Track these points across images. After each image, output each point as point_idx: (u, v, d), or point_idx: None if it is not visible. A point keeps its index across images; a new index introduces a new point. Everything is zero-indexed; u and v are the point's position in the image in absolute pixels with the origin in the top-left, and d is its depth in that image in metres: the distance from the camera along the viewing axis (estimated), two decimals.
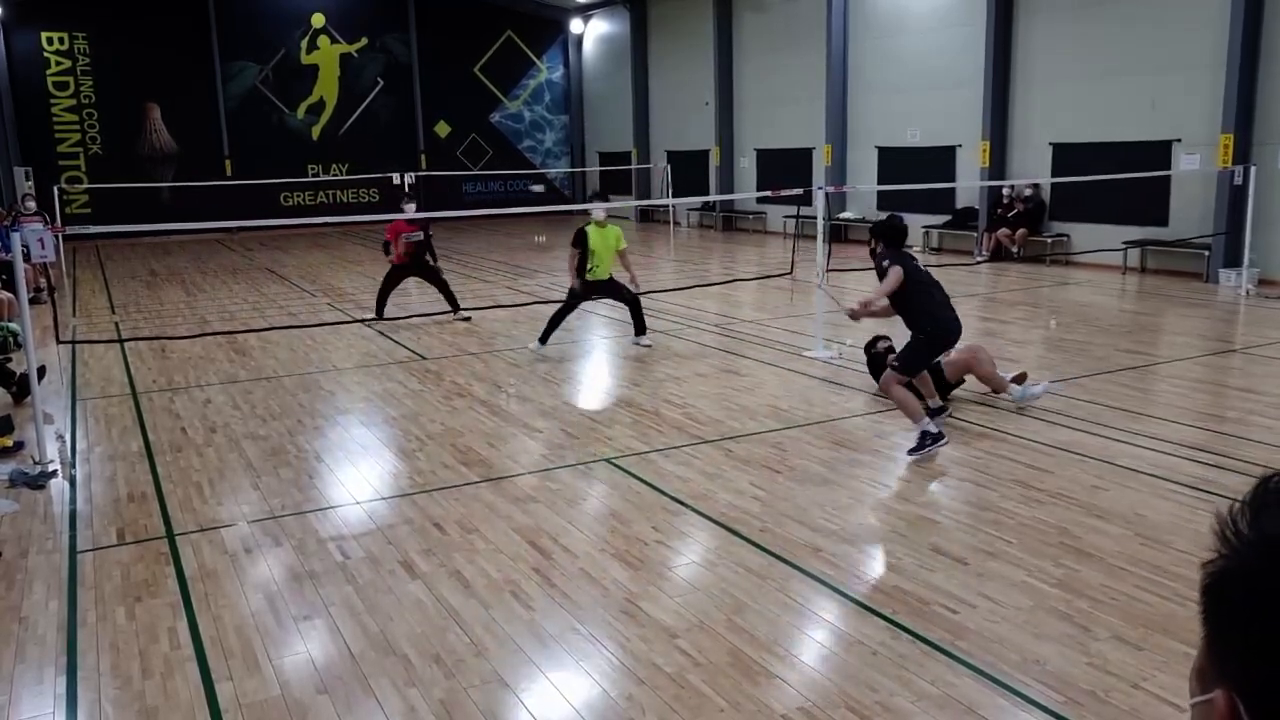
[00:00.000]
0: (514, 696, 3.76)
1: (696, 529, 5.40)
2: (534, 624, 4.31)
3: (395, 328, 11.59)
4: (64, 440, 7.14)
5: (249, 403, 8.41)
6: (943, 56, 18.43)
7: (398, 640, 4.19)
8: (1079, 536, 5.16)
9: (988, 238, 17.29)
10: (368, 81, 27.45)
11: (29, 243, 6.56)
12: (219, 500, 6.04)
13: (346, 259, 19.70)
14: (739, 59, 23.72)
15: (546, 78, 29.80)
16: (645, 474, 6.31)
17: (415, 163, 26.50)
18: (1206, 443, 6.74)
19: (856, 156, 20.73)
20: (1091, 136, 15.89)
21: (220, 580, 4.87)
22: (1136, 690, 3.69)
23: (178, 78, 25.13)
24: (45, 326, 10.82)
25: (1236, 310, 12.27)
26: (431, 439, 7.22)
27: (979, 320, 12.10)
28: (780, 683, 3.80)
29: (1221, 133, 13.95)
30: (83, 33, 24.27)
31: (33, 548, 5.34)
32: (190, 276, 17.46)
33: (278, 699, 3.77)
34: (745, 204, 23.92)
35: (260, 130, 26.27)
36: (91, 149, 24.71)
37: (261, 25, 26.08)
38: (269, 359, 10.13)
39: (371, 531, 5.48)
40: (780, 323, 11.42)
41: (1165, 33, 14.76)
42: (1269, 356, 9.45)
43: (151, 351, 10.63)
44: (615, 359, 10.27)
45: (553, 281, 15.54)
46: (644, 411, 7.83)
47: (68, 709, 3.76)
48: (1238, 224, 13.58)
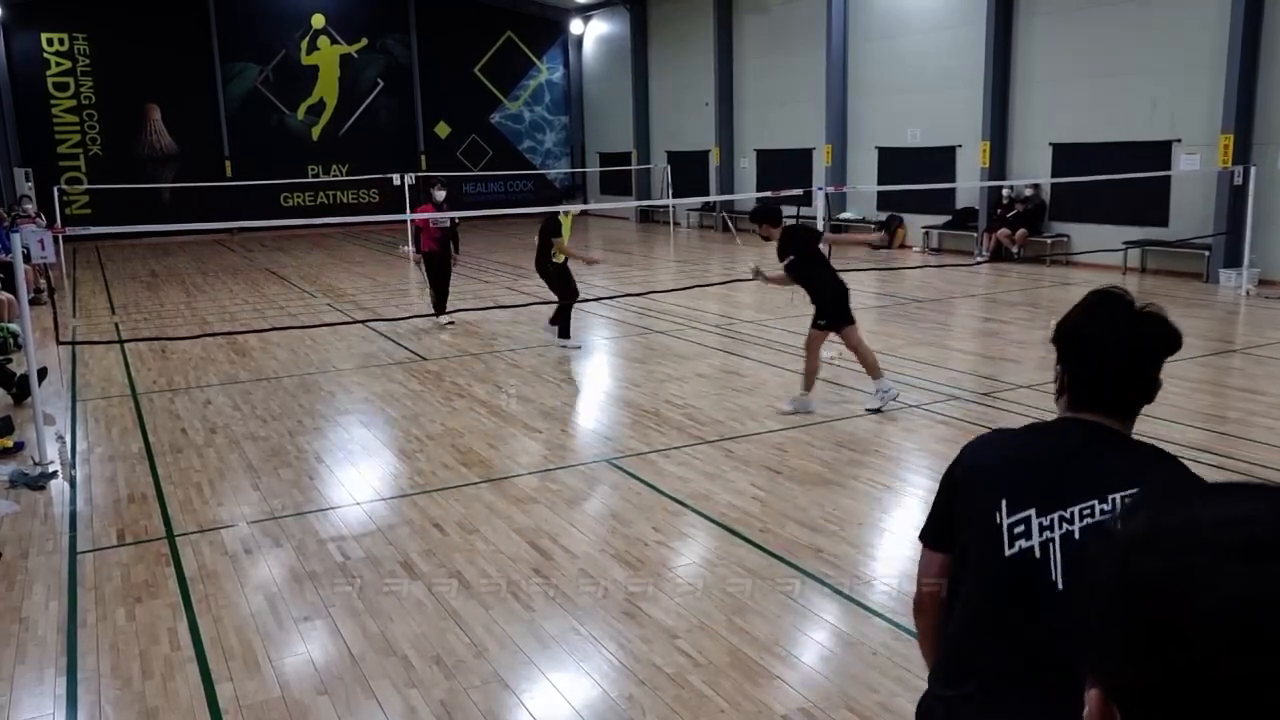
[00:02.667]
0: (514, 697, 3.76)
1: (697, 529, 5.40)
2: (534, 625, 4.31)
3: (395, 328, 11.59)
4: (64, 441, 7.14)
5: (249, 403, 8.41)
6: (943, 57, 18.43)
7: (398, 641, 4.18)
8: None
9: (988, 238, 17.29)
10: (368, 82, 27.45)
11: (28, 244, 6.56)
12: (219, 501, 6.04)
13: (347, 260, 19.70)
14: (739, 59, 23.72)
15: (546, 78, 29.79)
16: (645, 474, 6.31)
17: (415, 163, 26.49)
18: (1208, 443, 6.73)
19: (856, 157, 20.73)
20: (1091, 137, 15.88)
21: (220, 581, 4.87)
22: None
23: (178, 79, 25.12)
24: (45, 328, 10.82)
25: (1237, 310, 12.27)
26: (432, 440, 7.22)
27: (979, 321, 12.10)
28: (780, 683, 3.80)
29: (1221, 133, 13.94)
30: (83, 33, 24.27)
31: (33, 548, 5.34)
32: (190, 277, 17.46)
33: (278, 700, 3.77)
34: (745, 204, 23.90)
35: (260, 131, 26.27)
36: (92, 150, 24.71)
37: (261, 26, 26.08)
38: (269, 360, 10.13)
39: (372, 532, 5.48)
40: (781, 323, 11.42)
41: (1165, 33, 14.76)
42: (1270, 357, 9.45)
43: (152, 352, 10.63)
44: (615, 359, 10.28)
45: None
46: (644, 412, 7.83)
47: (68, 710, 3.76)
48: (1238, 224, 13.57)
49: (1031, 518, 1.81)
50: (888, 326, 11.53)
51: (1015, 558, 1.80)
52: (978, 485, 1.91)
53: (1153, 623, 0.67)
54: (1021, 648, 1.78)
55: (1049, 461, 1.88)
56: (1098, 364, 1.88)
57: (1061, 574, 1.78)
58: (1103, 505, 1.79)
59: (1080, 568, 0.75)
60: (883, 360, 9.47)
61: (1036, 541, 1.80)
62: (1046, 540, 1.80)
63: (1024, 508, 1.82)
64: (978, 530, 1.86)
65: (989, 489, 1.88)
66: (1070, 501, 1.81)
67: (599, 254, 8.49)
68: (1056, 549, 1.79)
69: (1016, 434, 2.00)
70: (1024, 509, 1.82)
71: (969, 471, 1.94)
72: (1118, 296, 1.92)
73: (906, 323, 11.70)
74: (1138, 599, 0.68)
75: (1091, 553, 0.74)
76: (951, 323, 12.00)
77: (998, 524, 1.82)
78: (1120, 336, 1.87)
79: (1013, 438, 2.00)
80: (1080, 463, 1.85)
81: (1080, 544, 1.77)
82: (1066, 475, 1.84)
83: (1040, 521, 1.81)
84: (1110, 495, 1.79)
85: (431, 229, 11.62)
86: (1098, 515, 1.79)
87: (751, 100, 23.58)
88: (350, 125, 27.37)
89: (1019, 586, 1.81)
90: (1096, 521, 1.78)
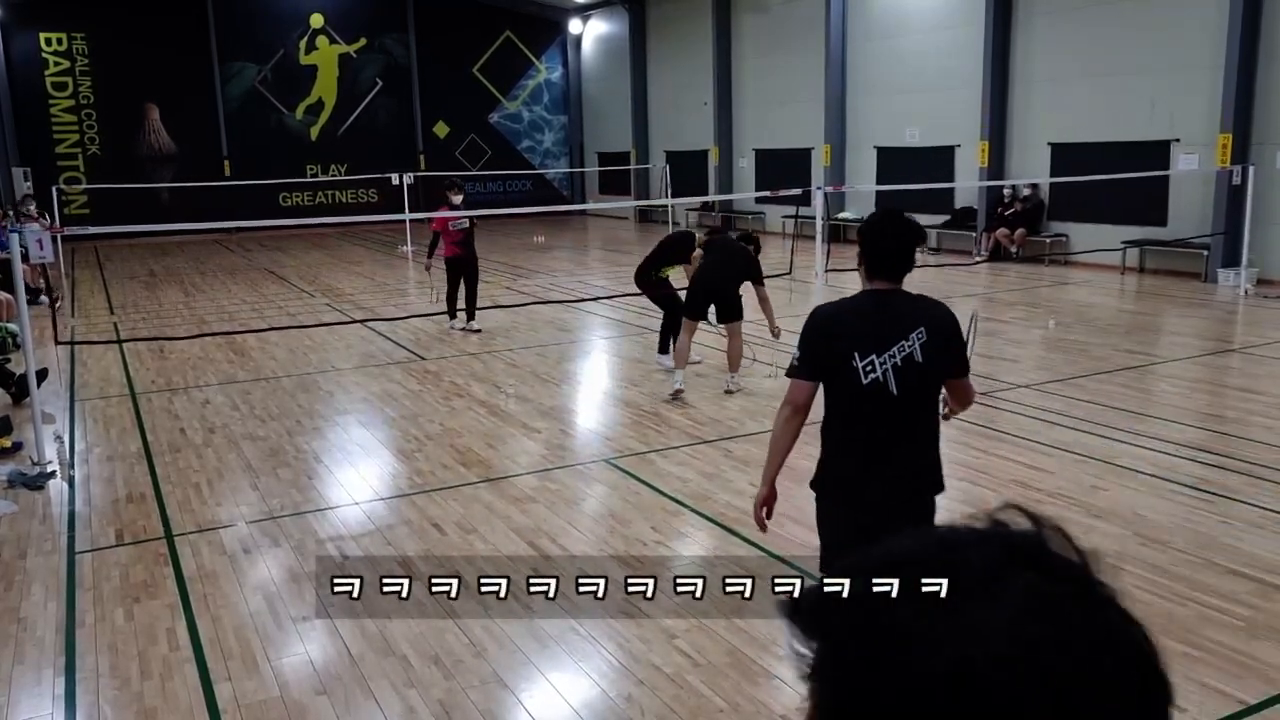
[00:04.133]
0: (513, 697, 3.76)
1: (696, 529, 5.40)
2: (533, 624, 4.30)
3: (394, 328, 11.59)
4: (62, 441, 7.14)
5: (248, 403, 8.40)
6: (942, 56, 18.43)
7: (396, 641, 4.18)
8: (1077, 536, 5.14)
9: (986, 237, 17.29)
10: (366, 82, 27.44)
11: (28, 243, 6.55)
12: (218, 501, 6.04)
13: (345, 259, 19.69)
14: (738, 59, 23.72)
15: (545, 78, 29.78)
16: (645, 474, 6.31)
17: (414, 163, 26.48)
18: (1206, 443, 6.74)
19: (855, 157, 20.74)
20: (1090, 136, 15.89)
21: (219, 581, 4.86)
22: None
23: (176, 78, 25.11)
24: (44, 328, 10.82)
25: (1235, 310, 12.27)
26: (430, 439, 7.22)
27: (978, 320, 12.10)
28: (780, 683, 3.80)
29: (1220, 132, 13.95)
30: (81, 33, 24.25)
31: (31, 549, 5.34)
32: (189, 277, 17.45)
33: (276, 700, 3.76)
34: (744, 204, 23.92)
35: (259, 131, 26.25)
36: (90, 149, 24.69)
37: (260, 26, 26.06)
38: (268, 360, 10.12)
39: (370, 532, 5.48)
40: (780, 322, 11.40)
41: (1165, 33, 14.77)
42: (1268, 356, 9.46)
43: (150, 352, 10.62)
44: (615, 359, 10.27)
45: (551, 282, 15.55)
46: (644, 412, 7.83)
47: (66, 710, 3.76)
48: (1236, 224, 13.58)
49: (874, 359, 3.07)
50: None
51: (870, 384, 3.08)
52: (836, 341, 3.14)
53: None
54: (875, 429, 3.15)
55: (872, 316, 3.14)
56: (884, 251, 3.18)
57: (895, 387, 3.06)
58: (907, 340, 3.07)
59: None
60: None
61: (878, 373, 3.07)
62: (884, 371, 3.06)
63: (867, 354, 3.07)
64: (843, 371, 3.10)
65: (846, 344, 3.10)
66: (891, 342, 3.07)
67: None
68: (891, 375, 3.07)
69: (847, 302, 3.27)
70: (868, 355, 3.07)
71: (825, 336, 3.18)
72: (894, 211, 3.29)
73: None
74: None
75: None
76: None
77: (854, 366, 3.08)
78: (896, 233, 3.19)
79: (848, 304, 3.26)
80: (888, 314, 3.14)
81: (901, 367, 3.06)
82: (884, 325, 3.10)
83: (878, 360, 3.06)
84: (911, 332, 3.08)
85: (451, 232, 10.96)
86: (908, 347, 3.06)
87: (750, 100, 23.57)
88: (349, 125, 27.36)
89: (874, 399, 3.09)
90: (908, 352, 3.06)
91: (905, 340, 3.06)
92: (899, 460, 3.15)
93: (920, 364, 3.06)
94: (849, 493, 3.23)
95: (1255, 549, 4.97)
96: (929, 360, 3.07)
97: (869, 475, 3.16)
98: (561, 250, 20.16)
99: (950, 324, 3.18)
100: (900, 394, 3.06)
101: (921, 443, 3.21)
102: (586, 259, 17.70)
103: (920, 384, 3.11)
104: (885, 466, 3.15)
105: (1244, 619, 4.24)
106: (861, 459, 3.18)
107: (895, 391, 3.06)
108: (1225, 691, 3.68)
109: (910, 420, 3.16)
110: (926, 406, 3.21)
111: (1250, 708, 3.59)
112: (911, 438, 3.17)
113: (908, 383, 3.06)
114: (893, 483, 3.14)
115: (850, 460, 3.20)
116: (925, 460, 3.22)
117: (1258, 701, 3.62)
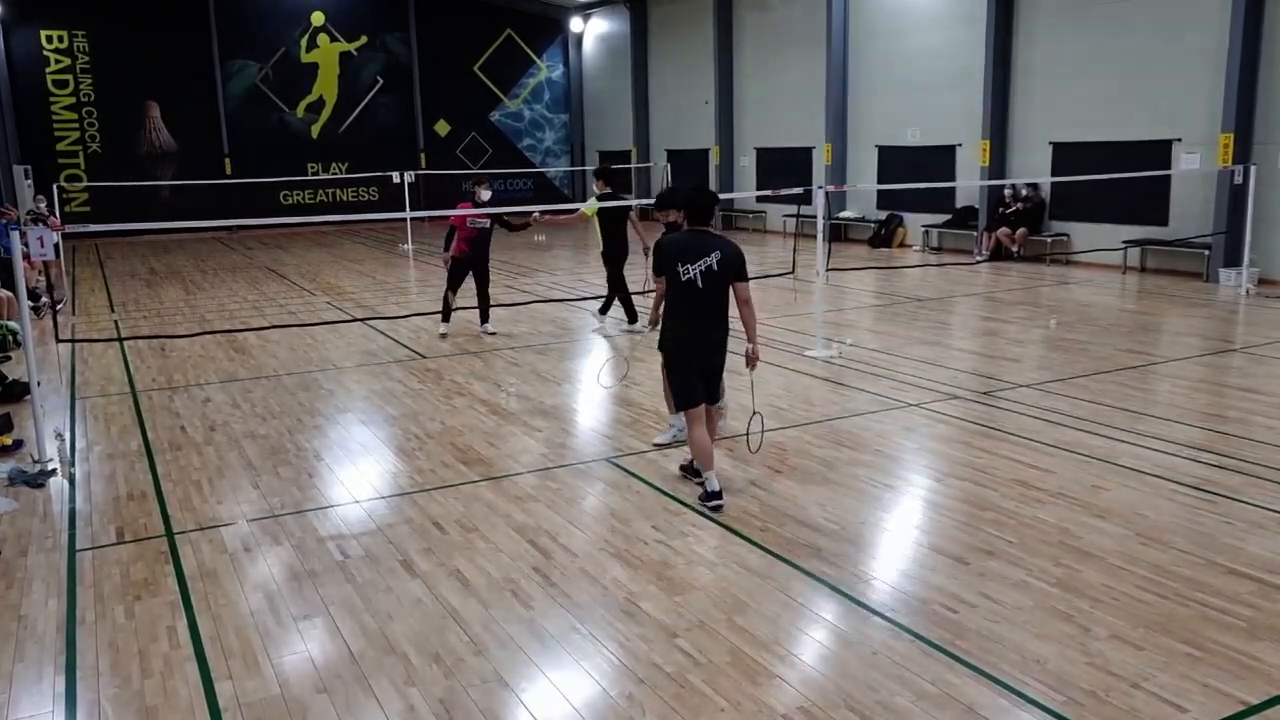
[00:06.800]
0: (514, 696, 3.76)
1: (696, 529, 5.40)
2: (534, 623, 4.30)
3: (395, 326, 11.59)
4: (63, 439, 7.13)
5: (248, 401, 8.40)
6: (943, 56, 18.43)
7: (397, 639, 4.18)
8: (1079, 536, 5.15)
9: (988, 237, 17.29)
10: (367, 80, 27.44)
11: (30, 241, 6.55)
12: (218, 499, 6.04)
13: (346, 258, 19.68)
14: (739, 58, 23.72)
15: (546, 76, 29.79)
16: (645, 473, 6.31)
17: (415, 161, 26.50)
18: (1207, 442, 6.73)
19: (857, 156, 20.73)
20: (1091, 136, 15.89)
21: (220, 579, 4.86)
22: (1136, 690, 3.69)
23: (177, 76, 25.12)
24: (44, 328, 10.84)
25: (1237, 310, 12.26)
26: (431, 438, 7.22)
27: (979, 320, 12.10)
28: (780, 683, 3.79)
29: (1221, 132, 13.94)
30: (82, 31, 24.25)
31: (32, 546, 5.34)
32: (190, 275, 17.45)
33: (277, 698, 3.76)
34: (745, 203, 23.91)
35: (260, 129, 26.26)
36: (91, 147, 24.69)
37: (261, 24, 26.07)
38: (269, 358, 10.12)
39: (371, 530, 5.48)
40: (781, 322, 11.42)
41: (1165, 32, 14.76)
42: (1269, 356, 9.45)
43: (151, 350, 10.62)
44: (616, 358, 10.26)
45: (553, 280, 15.55)
46: (644, 410, 7.83)
47: (66, 708, 3.76)
48: (1238, 223, 13.57)
49: (690, 267, 5.61)
50: (888, 325, 11.53)
51: (687, 281, 5.63)
52: (670, 256, 5.69)
53: None
54: (694, 313, 5.69)
55: (689, 244, 5.71)
56: (699, 206, 5.79)
57: (700, 283, 5.62)
58: (709, 257, 5.61)
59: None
60: (883, 359, 9.49)
61: (692, 275, 5.62)
62: (695, 274, 5.61)
63: (686, 263, 5.62)
64: (674, 273, 5.65)
65: (675, 258, 5.67)
66: (699, 258, 5.62)
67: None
68: (698, 276, 5.61)
69: (679, 236, 5.84)
70: (685, 264, 5.62)
71: (666, 254, 5.72)
72: (702, 186, 6.44)
73: (906, 322, 11.69)
74: None
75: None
76: (951, 322, 12.00)
77: (678, 270, 5.64)
78: (705, 199, 5.81)
79: (680, 237, 5.82)
80: (698, 243, 5.68)
81: (704, 273, 5.61)
82: (694, 248, 5.65)
83: (691, 267, 5.61)
84: (711, 254, 5.62)
85: (467, 229, 10.74)
86: (708, 261, 5.60)
87: (751, 99, 23.57)
88: (350, 123, 27.36)
89: (690, 291, 5.65)
90: (708, 264, 5.59)
91: (707, 258, 5.61)
92: (705, 325, 5.72)
93: (715, 271, 5.61)
94: (679, 344, 5.79)
95: (1257, 549, 4.97)
96: (721, 270, 5.62)
97: (689, 333, 5.74)
98: (562, 248, 20.14)
99: (734, 252, 5.68)
100: (704, 287, 5.64)
101: (717, 316, 5.72)
102: (587, 258, 17.68)
103: (716, 283, 5.64)
104: (698, 328, 5.72)
105: (1246, 619, 4.24)
106: (685, 324, 5.74)
107: (701, 286, 5.63)
108: (1227, 692, 3.67)
109: (711, 303, 5.67)
110: (720, 297, 5.69)
111: (1252, 708, 3.58)
112: (712, 314, 5.70)
113: (709, 281, 5.63)
114: (701, 336, 5.73)
115: (679, 324, 5.76)
116: (721, 326, 5.77)
117: (1259, 702, 3.62)
